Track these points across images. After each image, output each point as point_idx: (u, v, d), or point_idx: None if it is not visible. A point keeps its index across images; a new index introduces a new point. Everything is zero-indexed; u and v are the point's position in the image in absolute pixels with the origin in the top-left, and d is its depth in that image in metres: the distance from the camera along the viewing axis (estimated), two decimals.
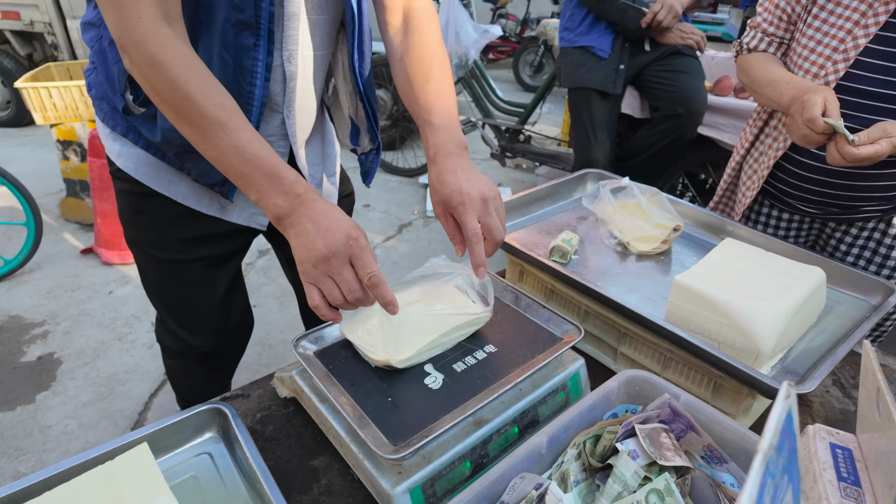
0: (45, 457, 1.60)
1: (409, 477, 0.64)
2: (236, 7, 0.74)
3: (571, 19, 2.06)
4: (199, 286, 1.04)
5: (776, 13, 1.12)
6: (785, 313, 0.77)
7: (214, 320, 1.10)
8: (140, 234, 0.99)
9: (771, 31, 1.14)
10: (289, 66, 0.85)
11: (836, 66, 1.00)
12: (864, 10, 0.97)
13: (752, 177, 1.23)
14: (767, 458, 0.29)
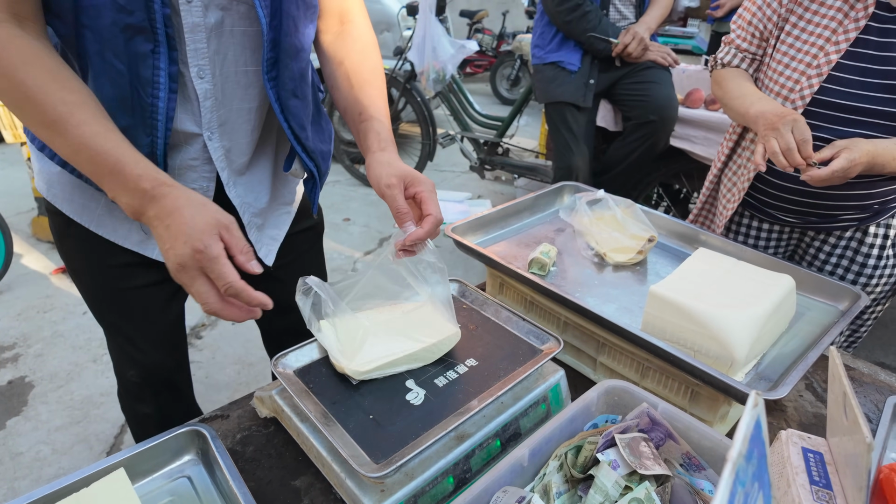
0: (16, 485, 1.55)
1: (391, 495, 0.64)
2: (122, 9, 0.66)
3: (542, 37, 2.11)
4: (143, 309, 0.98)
5: (749, 30, 1.16)
6: (757, 321, 0.79)
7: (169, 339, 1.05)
8: (70, 261, 0.95)
9: (744, 46, 1.18)
10: (200, 82, 0.78)
11: (809, 80, 1.04)
12: (834, 28, 1.02)
13: (732, 189, 1.27)
14: (737, 466, 0.30)
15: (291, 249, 1.07)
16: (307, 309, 0.76)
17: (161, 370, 1.07)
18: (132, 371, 1.06)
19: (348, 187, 3.80)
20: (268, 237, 1.00)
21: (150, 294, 0.96)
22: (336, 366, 0.76)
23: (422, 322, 0.80)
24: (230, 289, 0.62)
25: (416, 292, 0.85)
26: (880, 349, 2.27)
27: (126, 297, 0.95)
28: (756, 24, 1.15)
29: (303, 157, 0.92)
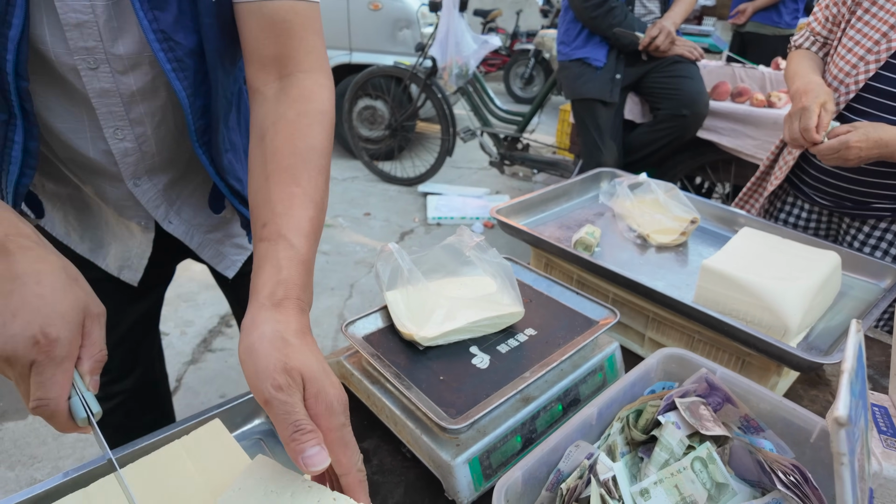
0: (60, 464, 1.59)
1: (466, 449, 0.67)
2: None
3: (567, 33, 2.14)
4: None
5: (824, 13, 1.20)
6: (807, 292, 0.82)
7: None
8: None
9: (818, 29, 1.22)
10: (118, 142, 0.71)
11: (867, 65, 1.07)
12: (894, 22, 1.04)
13: (783, 167, 1.30)
14: (851, 377, 0.33)
15: None
16: (386, 274, 0.79)
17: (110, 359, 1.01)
18: None
19: (367, 183, 3.84)
20: (232, 246, 0.96)
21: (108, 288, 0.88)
22: (403, 333, 0.79)
23: (486, 295, 0.83)
24: (42, 409, 0.45)
25: (478, 269, 0.88)
26: None
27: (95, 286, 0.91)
28: (831, 7, 1.18)
29: (239, 209, 0.83)
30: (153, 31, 0.61)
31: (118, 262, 0.90)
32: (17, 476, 1.55)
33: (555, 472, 0.64)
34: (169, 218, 0.85)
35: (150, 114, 0.71)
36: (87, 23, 0.60)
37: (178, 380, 1.95)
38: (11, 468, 1.58)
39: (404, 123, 3.73)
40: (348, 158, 4.19)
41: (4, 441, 1.67)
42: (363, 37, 3.73)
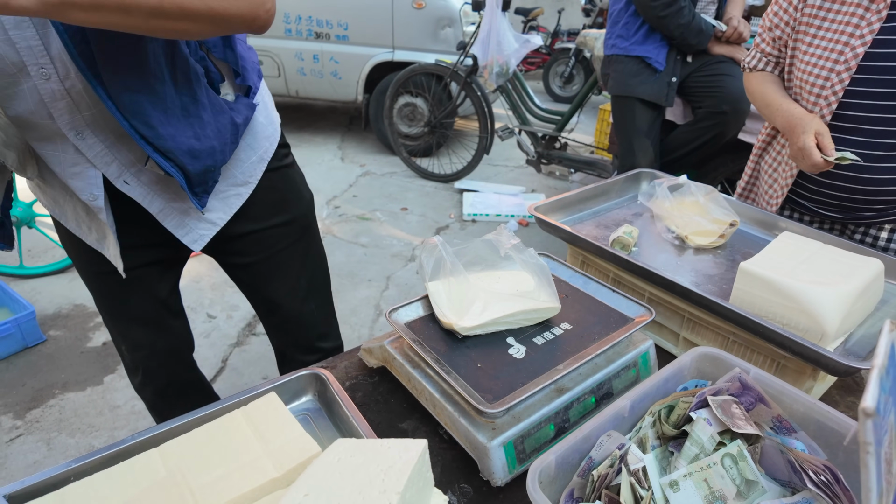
0: (116, 433, 1.70)
1: (501, 433, 0.71)
2: None
3: (626, 27, 2.10)
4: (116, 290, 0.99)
5: (769, 35, 1.22)
6: (847, 297, 0.82)
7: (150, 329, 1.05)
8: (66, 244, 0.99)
9: (768, 50, 1.24)
10: (45, 83, 0.70)
11: (840, 76, 1.07)
12: (856, 23, 1.05)
13: (773, 185, 1.29)
14: (881, 373, 0.35)
15: (267, 245, 1.04)
16: (430, 264, 0.83)
17: (144, 348, 1.07)
18: (122, 346, 1.09)
19: (405, 179, 3.90)
20: (199, 220, 0.93)
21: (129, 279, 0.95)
22: (443, 322, 0.83)
23: (525, 289, 0.86)
24: None
25: (515, 263, 0.91)
26: None
27: (104, 280, 0.98)
28: (773, 29, 1.20)
29: (155, 158, 0.77)
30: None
31: (114, 251, 0.91)
32: (77, 443, 1.68)
33: (587, 459, 0.66)
34: (124, 177, 0.82)
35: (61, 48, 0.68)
36: None
37: (224, 361, 2.06)
38: (72, 435, 1.70)
39: (443, 121, 3.77)
40: (387, 154, 4.27)
41: (65, 410, 1.80)
42: (406, 35, 3.79)
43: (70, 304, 2.36)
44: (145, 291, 1.03)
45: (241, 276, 1.11)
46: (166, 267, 1.05)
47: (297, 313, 1.15)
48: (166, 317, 1.08)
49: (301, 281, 1.13)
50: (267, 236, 1.04)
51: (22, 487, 0.62)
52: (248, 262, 1.06)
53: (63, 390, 1.88)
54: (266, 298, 1.12)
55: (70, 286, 2.48)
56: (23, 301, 2.08)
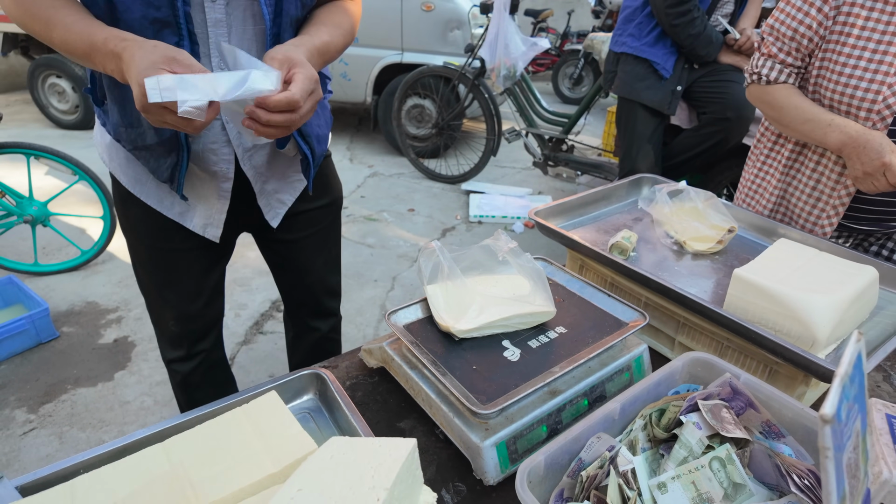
0: (125, 428, 1.75)
1: (494, 434, 0.73)
2: (150, 4, 0.78)
3: (639, 27, 2.09)
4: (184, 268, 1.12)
5: (792, 45, 1.13)
6: (839, 305, 0.83)
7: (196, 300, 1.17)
8: (126, 220, 1.10)
9: (789, 61, 1.15)
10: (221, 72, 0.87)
11: (892, 88, 1.02)
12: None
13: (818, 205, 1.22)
14: (844, 381, 0.37)
15: (311, 223, 1.20)
16: (428, 268, 0.85)
17: (196, 320, 1.21)
18: (172, 320, 1.19)
19: (412, 180, 3.93)
20: (276, 201, 1.11)
21: (190, 257, 1.11)
22: (440, 324, 0.85)
23: (520, 293, 0.88)
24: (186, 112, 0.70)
25: (512, 267, 0.93)
26: None
27: (169, 255, 1.10)
28: (799, 38, 1.11)
29: (297, 140, 0.98)
30: None
31: (203, 221, 1.06)
32: (88, 437, 1.72)
33: (576, 460, 0.68)
34: (248, 155, 1.00)
35: (240, 44, 0.89)
36: None
37: (231, 358, 2.09)
38: (83, 430, 1.75)
39: (451, 123, 3.79)
40: (395, 155, 4.30)
41: (77, 405, 1.85)
42: (415, 37, 3.82)
43: (83, 301, 2.41)
44: (205, 267, 1.16)
45: (280, 251, 1.24)
46: (227, 246, 1.18)
47: (323, 281, 1.31)
48: (213, 293, 1.21)
49: (332, 254, 1.31)
50: (313, 216, 1.20)
51: (34, 479, 0.65)
52: (294, 238, 1.20)
53: (75, 386, 1.93)
54: (301, 269, 1.26)
55: (83, 284, 2.53)
56: (37, 298, 2.13)
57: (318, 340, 1.38)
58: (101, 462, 0.64)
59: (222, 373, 1.36)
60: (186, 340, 1.22)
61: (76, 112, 4.72)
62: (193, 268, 1.14)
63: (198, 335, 1.23)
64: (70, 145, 4.24)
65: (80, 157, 2.48)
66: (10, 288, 2.24)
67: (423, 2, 3.68)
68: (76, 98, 4.64)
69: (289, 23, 0.91)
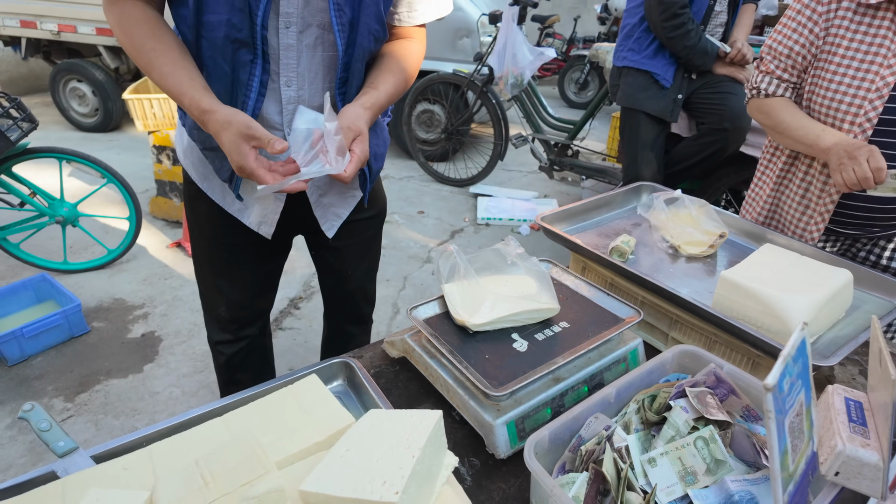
0: (156, 417, 1.86)
1: (505, 414, 0.83)
2: (234, 26, 0.90)
3: (638, 41, 2.20)
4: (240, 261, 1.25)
5: (787, 62, 1.24)
6: (814, 304, 0.92)
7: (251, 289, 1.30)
8: (193, 214, 1.22)
9: (786, 77, 1.26)
10: (287, 90, 1.00)
11: (872, 103, 1.12)
12: (884, 53, 1.11)
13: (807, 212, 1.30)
14: (787, 360, 0.47)
15: (357, 232, 1.30)
16: (446, 269, 0.96)
17: (246, 308, 1.32)
18: (223, 307, 1.31)
19: (422, 183, 4.04)
20: (332, 214, 1.21)
21: (247, 252, 1.23)
22: (456, 319, 0.95)
23: (527, 292, 0.98)
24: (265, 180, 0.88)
25: (520, 269, 1.03)
26: None
27: (229, 249, 1.22)
28: (794, 56, 1.22)
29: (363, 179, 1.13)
30: (333, 2, 0.92)
31: (258, 219, 1.16)
32: (122, 424, 1.84)
33: (576, 437, 0.78)
34: None
35: (309, 68, 1.00)
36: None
37: None
38: (116, 417, 1.87)
39: (460, 128, 3.90)
40: (405, 158, 4.41)
41: (110, 395, 1.97)
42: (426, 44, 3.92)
43: (110, 297, 2.53)
44: (260, 262, 1.27)
45: (326, 256, 1.34)
46: (283, 244, 1.29)
47: (362, 288, 1.42)
48: (265, 286, 1.33)
49: (373, 262, 1.42)
50: (361, 226, 1.29)
51: (105, 450, 0.76)
52: (340, 246, 1.29)
53: (107, 377, 2.05)
54: (343, 274, 1.37)
55: (110, 281, 2.66)
56: (69, 294, 2.26)
57: (350, 342, 1.48)
58: (162, 436, 0.75)
59: (262, 357, 1.46)
60: (234, 325, 1.34)
61: (95, 115, 4.86)
62: (248, 261, 1.25)
63: (245, 321, 1.35)
64: (90, 147, 4.38)
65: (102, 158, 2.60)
66: (44, 285, 2.36)
67: None
68: (96, 101, 4.79)
69: (361, 55, 1.00)
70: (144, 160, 4.05)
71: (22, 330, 2.04)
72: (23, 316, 2.27)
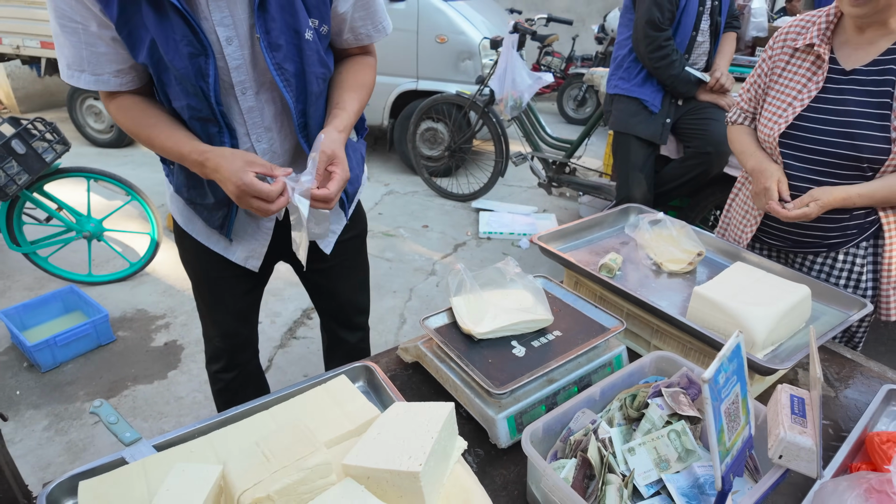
0: (182, 420, 2.00)
1: (505, 409, 0.97)
2: (195, 108, 1.02)
3: (628, 71, 2.38)
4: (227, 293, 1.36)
5: (747, 96, 1.49)
6: (774, 316, 1.06)
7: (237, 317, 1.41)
8: (183, 253, 1.34)
9: (745, 107, 1.51)
10: (259, 144, 1.11)
11: (779, 125, 1.34)
12: (800, 88, 1.33)
13: (743, 222, 1.54)
14: (722, 360, 0.61)
15: (342, 252, 1.40)
16: (454, 284, 1.10)
17: (237, 336, 1.44)
18: (217, 337, 1.43)
19: (426, 198, 4.20)
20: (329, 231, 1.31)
21: (233, 283, 1.33)
22: (463, 328, 1.09)
23: (525, 305, 1.13)
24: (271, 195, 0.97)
25: (518, 285, 1.18)
26: None
27: (217, 282, 1.33)
28: (750, 90, 1.48)
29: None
30: (273, 64, 1.01)
31: (245, 255, 1.27)
32: (150, 427, 1.97)
33: (566, 428, 0.92)
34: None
35: (273, 120, 1.11)
36: (241, 66, 1.03)
37: (270, 360, 2.35)
38: (145, 420, 2.00)
39: (462, 146, 4.07)
40: (410, 174, 4.57)
41: (138, 399, 2.10)
42: (429, 66, 4.12)
43: (133, 308, 2.68)
44: (245, 291, 1.37)
45: (313, 277, 1.45)
46: (266, 273, 1.38)
47: (352, 300, 1.52)
48: (251, 313, 1.45)
49: (361, 277, 1.52)
50: (345, 246, 1.39)
51: (163, 440, 0.90)
52: (327, 267, 1.40)
53: (134, 383, 2.19)
54: (332, 292, 1.49)
55: (132, 293, 2.80)
56: (96, 305, 2.40)
57: (349, 350, 1.57)
58: (212, 429, 0.88)
59: (256, 381, 1.58)
60: (228, 353, 1.45)
61: (111, 131, 5.04)
62: (236, 292, 1.35)
63: (237, 348, 1.46)
64: (106, 162, 4.55)
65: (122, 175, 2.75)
66: (72, 296, 2.51)
67: (437, 35, 3.98)
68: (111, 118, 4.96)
69: (314, 99, 1.10)
70: (157, 175, 4.21)
71: (55, 339, 2.19)
72: (52, 326, 2.42)
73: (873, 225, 1.33)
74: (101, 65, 0.99)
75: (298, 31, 1.01)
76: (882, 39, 1.21)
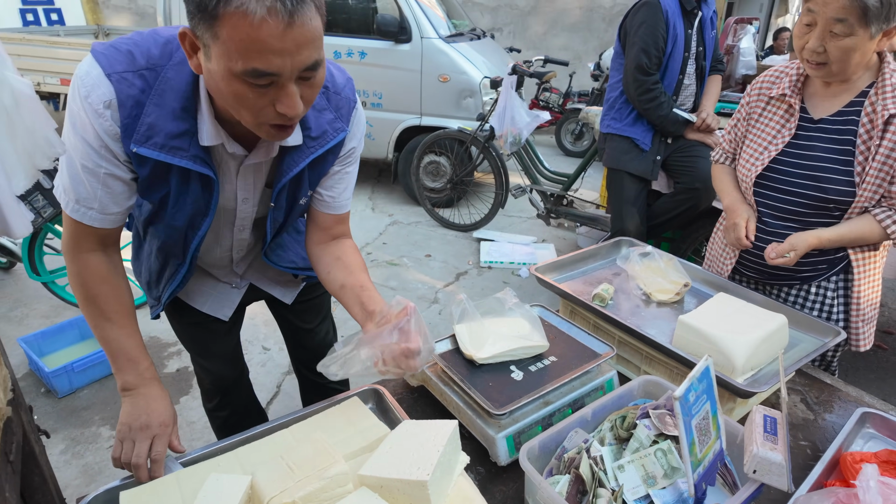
0: (194, 443, 2.06)
1: (504, 429, 1.05)
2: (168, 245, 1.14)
3: (619, 111, 2.54)
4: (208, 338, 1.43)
5: (728, 137, 1.62)
6: (752, 343, 1.15)
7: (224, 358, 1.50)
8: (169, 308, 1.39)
9: (727, 148, 1.64)
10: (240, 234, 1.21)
11: (755, 167, 1.46)
12: (774, 135, 1.45)
13: (723, 255, 1.65)
14: (692, 380, 0.70)
15: (310, 290, 1.50)
16: (457, 313, 1.20)
17: (225, 379, 1.53)
18: (207, 381, 1.53)
19: (428, 228, 4.32)
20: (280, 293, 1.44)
21: (211, 328, 1.40)
22: (465, 353, 1.18)
23: (522, 332, 1.22)
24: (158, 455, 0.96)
25: (516, 314, 1.27)
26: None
27: (197, 330, 1.41)
28: (731, 132, 1.60)
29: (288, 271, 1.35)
30: (271, 220, 1.16)
31: (216, 306, 1.36)
32: None
33: (561, 447, 1.00)
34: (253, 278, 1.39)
35: (253, 232, 1.24)
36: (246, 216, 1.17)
37: (278, 386, 2.42)
38: None
39: (464, 178, 4.22)
40: (413, 205, 4.71)
41: None
42: (432, 103, 4.30)
43: (146, 336, 2.76)
44: (227, 335, 1.46)
45: (284, 314, 1.55)
46: (240, 315, 1.49)
47: (318, 336, 1.61)
48: (236, 353, 1.54)
49: (325, 314, 1.62)
50: (310, 287, 1.50)
51: (189, 457, 0.98)
52: (300, 308, 1.50)
53: None
54: (300, 329, 1.59)
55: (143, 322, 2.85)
56: None
57: (329, 391, 1.62)
58: (234, 447, 0.97)
59: (254, 415, 1.66)
60: (219, 393, 1.55)
61: None
62: (216, 336, 1.43)
63: (227, 389, 1.55)
64: None
65: None
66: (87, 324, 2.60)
67: (440, 74, 4.17)
68: None
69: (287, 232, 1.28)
70: None
71: (72, 365, 2.27)
72: (69, 352, 2.50)
73: (843, 260, 1.43)
74: (111, 204, 0.98)
75: (297, 198, 1.15)
76: (844, 93, 1.34)
